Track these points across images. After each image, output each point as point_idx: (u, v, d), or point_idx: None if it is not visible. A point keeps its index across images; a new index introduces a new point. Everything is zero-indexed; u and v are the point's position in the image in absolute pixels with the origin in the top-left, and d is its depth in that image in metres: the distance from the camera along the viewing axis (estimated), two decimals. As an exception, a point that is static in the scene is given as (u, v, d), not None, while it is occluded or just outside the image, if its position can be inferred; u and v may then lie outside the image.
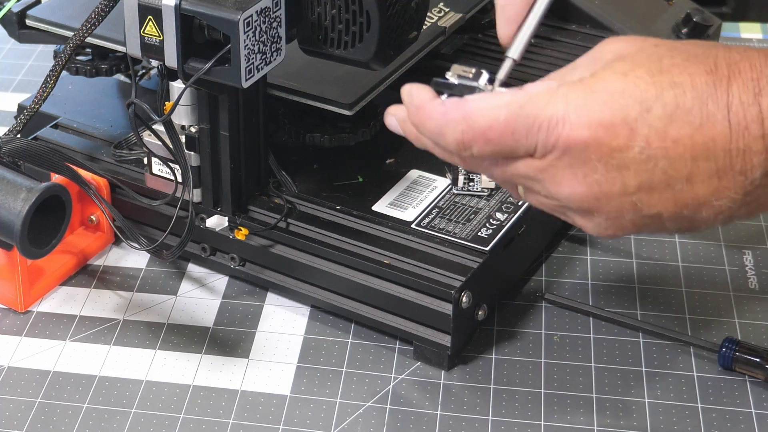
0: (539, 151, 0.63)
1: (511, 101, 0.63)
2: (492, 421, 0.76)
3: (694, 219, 0.63)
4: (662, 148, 0.61)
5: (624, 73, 0.62)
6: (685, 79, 0.61)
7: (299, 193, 0.86)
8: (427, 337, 0.79)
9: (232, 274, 0.88)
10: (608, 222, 0.64)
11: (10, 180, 0.76)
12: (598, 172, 0.62)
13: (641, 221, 0.64)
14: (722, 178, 0.61)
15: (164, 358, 0.82)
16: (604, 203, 0.63)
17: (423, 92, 0.66)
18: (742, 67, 0.61)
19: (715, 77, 0.61)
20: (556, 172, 0.63)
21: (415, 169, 0.88)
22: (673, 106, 0.61)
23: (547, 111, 0.62)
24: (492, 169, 0.66)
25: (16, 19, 0.92)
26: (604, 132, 0.61)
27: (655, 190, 0.62)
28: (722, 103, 0.60)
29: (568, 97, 0.62)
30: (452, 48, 0.98)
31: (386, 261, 0.80)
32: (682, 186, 0.62)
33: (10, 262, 0.84)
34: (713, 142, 0.60)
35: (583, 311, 0.84)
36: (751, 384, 0.79)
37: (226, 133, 0.81)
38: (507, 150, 0.64)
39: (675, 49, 0.63)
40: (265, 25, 0.74)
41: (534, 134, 0.62)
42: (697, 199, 0.62)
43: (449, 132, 0.64)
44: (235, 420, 0.77)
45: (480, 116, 0.63)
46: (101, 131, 0.94)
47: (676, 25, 1.08)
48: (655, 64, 0.62)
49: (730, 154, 0.61)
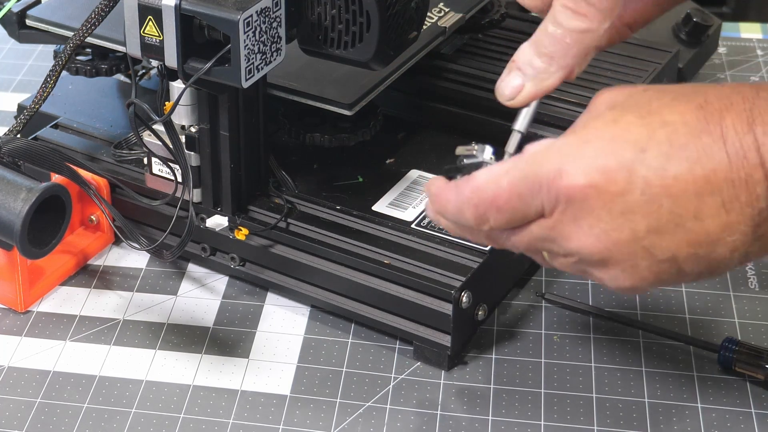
0: (546, 208, 0.63)
1: (511, 167, 0.64)
2: (492, 421, 0.76)
3: (710, 259, 0.62)
4: (663, 186, 0.61)
5: (614, 120, 0.62)
6: (676, 117, 0.61)
7: (299, 193, 0.86)
8: (427, 337, 0.79)
9: (232, 274, 0.88)
10: (625, 273, 0.64)
11: (10, 180, 0.76)
12: (603, 220, 0.62)
13: (658, 267, 0.63)
14: (730, 212, 0.61)
15: (164, 358, 0.82)
16: (616, 252, 0.63)
17: (437, 181, 0.68)
18: (733, 100, 0.61)
19: (706, 112, 0.61)
20: (564, 227, 0.63)
21: (415, 169, 0.88)
22: (668, 144, 0.61)
23: (545, 167, 0.63)
24: (514, 240, 0.66)
25: (16, 19, 0.91)
26: (601, 178, 0.61)
27: (665, 232, 0.62)
28: (716, 134, 0.60)
29: (562, 151, 0.63)
30: (452, 48, 0.98)
31: (386, 261, 0.80)
32: (691, 224, 0.61)
33: (10, 262, 0.84)
34: (714, 173, 0.60)
35: (583, 311, 0.84)
36: (751, 384, 0.79)
37: (226, 133, 0.81)
38: (519, 215, 0.64)
39: (663, 91, 0.63)
40: (265, 25, 0.74)
41: (537, 193, 0.63)
42: (710, 236, 0.61)
43: (465, 209, 0.65)
44: (235, 420, 0.77)
45: (486, 187, 0.64)
46: (101, 131, 0.94)
47: (676, 25, 1.08)
48: (644, 107, 0.62)
49: (732, 184, 0.60)
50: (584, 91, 0.92)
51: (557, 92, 0.91)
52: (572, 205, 0.62)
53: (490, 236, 0.67)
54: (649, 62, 0.96)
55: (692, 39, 1.07)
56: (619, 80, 0.94)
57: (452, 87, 0.94)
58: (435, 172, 0.88)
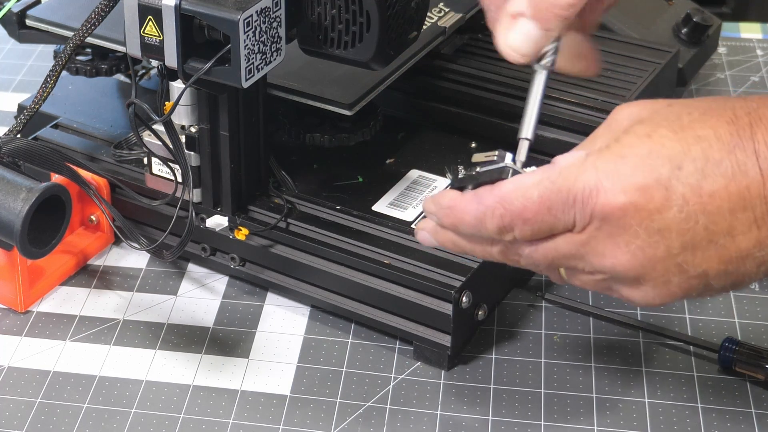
0: (578, 224, 0.63)
1: (542, 179, 0.63)
2: (492, 421, 0.76)
3: (738, 274, 0.62)
4: (700, 203, 0.60)
5: (647, 134, 0.62)
6: (708, 132, 0.61)
7: (299, 193, 0.86)
8: (427, 337, 0.79)
9: (232, 274, 0.88)
10: (656, 290, 0.64)
11: (10, 180, 0.76)
12: (640, 237, 0.62)
13: (688, 283, 0.63)
14: (761, 227, 0.61)
15: (164, 358, 0.82)
16: (650, 269, 0.63)
17: (449, 193, 0.66)
18: (762, 114, 0.61)
19: (737, 126, 0.61)
20: (598, 243, 0.63)
21: (415, 169, 0.88)
22: (703, 160, 0.60)
23: (579, 182, 0.62)
24: (534, 255, 0.65)
25: (16, 19, 0.91)
26: (639, 195, 0.61)
27: (698, 249, 0.61)
28: (749, 150, 0.60)
29: (597, 166, 0.62)
30: (452, 48, 0.98)
31: (386, 261, 0.80)
32: (724, 240, 0.61)
33: (10, 262, 0.84)
34: (748, 190, 0.60)
35: (583, 311, 0.84)
36: (751, 384, 0.79)
37: (226, 133, 0.81)
38: (546, 228, 0.63)
39: (690, 106, 0.63)
40: (265, 25, 0.74)
41: (570, 208, 0.62)
42: (740, 252, 0.61)
43: (488, 219, 0.64)
44: (235, 420, 0.77)
45: (514, 197, 0.63)
46: (101, 131, 0.94)
47: (676, 25, 1.08)
48: (675, 122, 0.62)
49: (765, 200, 0.60)
50: (584, 91, 0.92)
51: (558, 92, 0.91)
52: (608, 222, 0.62)
53: (506, 250, 0.66)
54: (649, 62, 0.96)
55: (692, 39, 1.07)
56: (619, 80, 0.94)
57: (452, 87, 0.94)
58: (435, 172, 0.88)
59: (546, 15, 0.67)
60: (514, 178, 0.64)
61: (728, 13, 1.61)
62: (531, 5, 0.67)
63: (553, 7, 0.67)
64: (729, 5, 1.61)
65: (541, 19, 0.67)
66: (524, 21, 0.68)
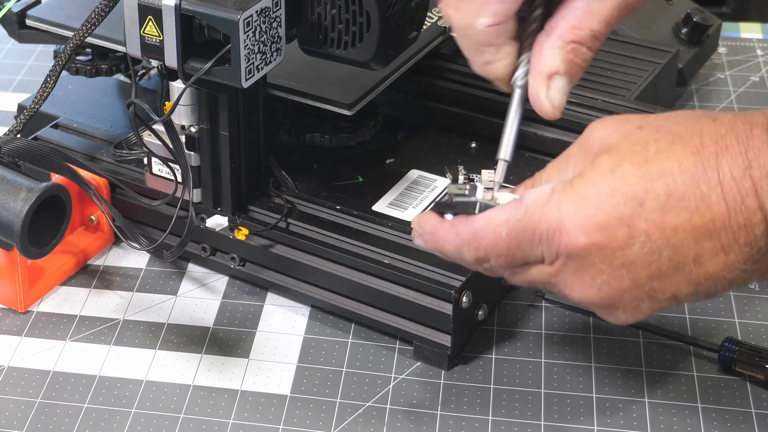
0: (546, 258, 0.64)
1: (509, 217, 0.64)
2: (492, 421, 0.76)
3: (709, 292, 0.63)
4: (663, 237, 0.61)
5: (611, 170, 0.62)
6: (673, 164, 0.61)
7: (299, 193, 0.86)
8: (427, 337, 0.79)
9: (232, 274, 0.88)
10: (627, 313, 0.65)
11: (10, 180, 0.76)
12: (605, 273, 0.63)
13: (659, 305, 0.64)
14: (729, 253, 0.61)
15: (164, 358, 0.82)
16: (617, 299, 0.64)
17: (431, 218, 0.68)
18: (728, 142, 0.61)
19: (702, 157, 0.61)
20: (566, 277, 0.64)
21: (415, 169, 0.88)
22: (666, 196, 0.61)
23: (544, 223, 0.63)
24: (514, 277, 0.67)
25: (16, 19, 0.92)
26: (601, 235, 0.62)
27: (666, 277, 0.62)
28: (713, 182, 0.61)
29: (560, 206, 0.63)
30: (452, 48, 0.98)
31: (386, 261, 0.80)
32: (691, 267, 0.62)
33: (10, 262, 0.84)
34: (713, 222, 0.61)
35: (583, 311, 0.84)
36: (751, 384, 0.79)
37: (226, 133, 0.81)
38: (519, 260, 0.65)
39: (659, 131, 0.63)
40: (265, 25, 0.74)
41: (537, 245, 0.64)
42: (709, 276, 0.62)
43: (465, 250, 0.66)
44: (235, 420, 0.77)
45: (485, 234, 0.65)
46: (101, 131, 0.94)
47: (676, 25, 1.08)
48: (641, 153, 0.62)
49: (731, 229, 0.61)
50: (584, 91, 0.91)
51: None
52: (573, 260, 0.63)
53: (488, 271, 0.68)
54: (649, 62, 0.96)
55: (692, 39, 1.07)
56: (619, 80, 0.94)
57: (452, 87, 0.94)
58: (435, 172, 0.88)
59: (576, 69, 0.69)
60: (485, 213, 0.65)
61: (728, 13, 1.61)
62: (564, 62, 0.68)
63: (582, 60, 0.69)
64: (729, 5, 1.61)
65: (573, 73, 0.69)
66: (560, 80, 0.69)
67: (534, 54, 0.69)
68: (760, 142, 0.61)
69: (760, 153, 0.60)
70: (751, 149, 0.61)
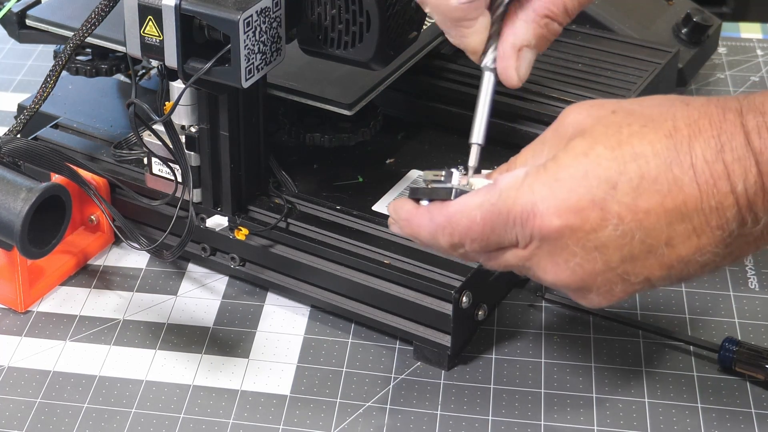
0: (520, 242, 0.65)
1: (483, 201, 0.65)
2: (492, 421, 0.76)
3: (681, 275, 0.64)
4: (635, 220, 0.62)
5: (584, 153, 0.63)
6: (646, 147, 0.62)
7: (299, 193, 0.86)
8: (427, 337, 0.79)
9: (232, 274, 0.88)
10: (600, 296, 0.65)
11: (10, 180, 0.76)
12: (578, 255, 0.63)
13: (632, 288, 0.65)
14: (701, 236, 0.62)
15: (164, 358, 0.82)
16: (590, 282, 0.64)
17: (406, 204, 0.68)
18: (701, 125, 0.61)
19: (675, 140, 0.61)
20: (540, 260, 0.65)
21: (415, 169, 0.88)
22: (639, 178, 0.61)
23: (518, 206, 0.63)
24: (489, 262, 0.68)
25: (16, 19, 0.92)
26: (574, 217, 0.62)
27: (638, 260, 0.63)
28: (686, 165, 0.61)
29: (533, 189, 0.63)
30: (452, 48, 0.97)
31: (386, 261, 0.80)
32: (663, 250, 0.62)
33: (10, 262, 0.84)
34: (685, 205, 0.61)
35: (583, 311, 0.84)
36: (751, 384, 0.79)
37: (226, 133, 0.81)
38: (493, 244, 0.65)
39: (632, 115, 0.63)
40: (265, 25, 0.74)
41: (511, 228, 0.64)
42: (681, 259, 0.63)
43: (440, 236, 0.67)
44: (235, 420, 0.77)
45: (459, 218, 0.65)
46: (101, 131, 0.94)
47: (676, 25, 1.08)
48: (614, 137, 0.63)
49: (703, 212, 0.61)
50: (584, 91, 0.92)
51: (555, 92, 0.91)
52: (547, 242, 0.64)
53: (463, 255, 0.68)
54: (649, 62, 0.96)
55: (692, 39, 1.07)
56: (619, 80, 0.94)
57: (452, 87, 0.94)
58: (435, 172, 0.88)
59: (546, 43, 0.70)
60: (459, 199, 0.66)
61: (728, 13, 1.61)
62: (536, 36, 0.69)
63: (552, 35, 0.70)
64: (729, 5, 1.61)
65: (542, 46, 0.70)
66: (529, 52, 0.70)
67: (506, 26, 0.70)
68: (732, 126, 0.61)
69: (732, 137, 0.61)
70: (724, 133, 0.61)
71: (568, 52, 0.97)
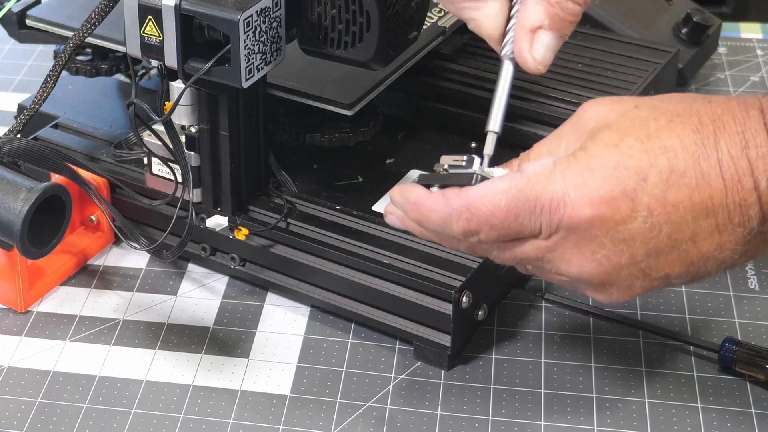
0: (544, 231, 0.64)
1: (510, 186, 0.63)
2: (492, 421, 0.76)
3: (699, 273, 0.64)
4: (664, 213, 0.62)
5: (615, 144, 0.62)
6: (674, 141, 0.62)
7: (299, 193, 0.86)
8: (427, 337, 0.79)
9: (232, 274, 0.88)
10: (620, 292, 0.65)
11: (10, 180, 0.76)
12: (605, 247, 0.63)
13: (650, 285, 0.65)
14: (723, 233, 0.62)
15: (164, 358, 0.82)
16: (615, 276, 0.64)
17: (416, 188, 0.67)
18: (725, 121, 0.62)
19: (702, 135, 0.62)
20: (564, 251, 0.64)
21: (415, 169, 0.88)
22: (668, 171, 0.61)
23: (547, 193, 0.63)
24: (500, 254, 0.67)
25: (16, 19, 0.92)
26: (606, 207, 0.62)
27: (662, 254, 0.63)
28: (713, 160, 0.61)
29: (565, 177, 0.63)
30: (452, 48, 0.98)
31: (386, 261, 0.80)
32: (687, 246, 0.62)
33: (10, 262, 0.84)
34: (711, 200, 0.61)
35: (583, 311, 0.84)
36: (751, 384, 0.79)
37: (226, 133, 0.81)
38: (512, 233, 0.64)
39: (657, 110, 0.63)
40: (265, 25, 0.74)
41: (537, 216, 0.63)
42: (702, 256, 0.63)
43: (454, 221, 0.65)
44: (235, 420, 0.77)
45: (481, 204, 0.64)
46: (101, 131, 0.94)
47: (676, 25, 1.08)
48: (642, 129, 0.63)
49: (727, 208, 0.61)
50: (584, 91, 0.92)
51: (557, 92, 0.91)
52: (575, 233, 0.63)
53: (473, 247, 0.67)
54: (649, 62, 0.96)
55: (692, 39, 1.07)
56: (619, 80, 0.94)
57: (452, 87, 0.94)
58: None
59: (563, 24, 0.69)
60: (483, 183, 0.65)
61: (728, 13, 1.61)
62: (549, 16, 0.68)
63: (568, 15, 0.68)
64: (729, 5, 1.61)
65: (560, 28, 0.69)
66: (543, 33, 0.68)
67: (520, 8, 0.69)
68: (756, 123, 0.61)
69: (756, 134, 0.61)
70: (748, 130, 0.61)
71: (568, 52, 0.97)
